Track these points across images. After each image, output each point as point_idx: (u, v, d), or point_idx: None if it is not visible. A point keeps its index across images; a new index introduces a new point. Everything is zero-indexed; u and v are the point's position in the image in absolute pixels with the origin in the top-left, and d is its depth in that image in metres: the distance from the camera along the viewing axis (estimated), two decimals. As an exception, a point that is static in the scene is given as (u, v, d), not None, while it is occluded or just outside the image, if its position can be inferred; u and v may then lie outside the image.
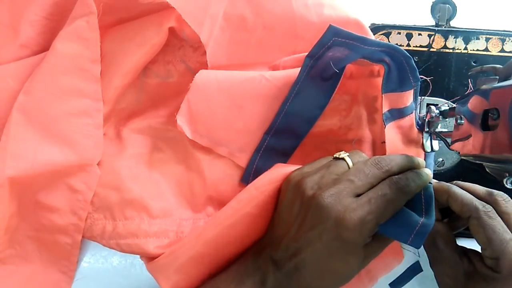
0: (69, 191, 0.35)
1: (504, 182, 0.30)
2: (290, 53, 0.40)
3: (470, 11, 0.45)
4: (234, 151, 0.38)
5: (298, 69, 0.36)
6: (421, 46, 0.45)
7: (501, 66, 0.33)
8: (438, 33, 0.44)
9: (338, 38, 0.34)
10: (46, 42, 0.37)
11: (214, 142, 0.38)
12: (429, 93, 0.41)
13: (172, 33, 0.39)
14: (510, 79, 0.30)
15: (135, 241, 0.35)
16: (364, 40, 0.34)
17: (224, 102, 0.37)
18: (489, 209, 0.33)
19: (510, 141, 0.26)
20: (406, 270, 0.36)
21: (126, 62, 0.37)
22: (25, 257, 0.36)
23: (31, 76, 0.35)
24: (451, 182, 0.36)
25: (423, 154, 0.38)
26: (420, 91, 0.38)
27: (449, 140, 0.36)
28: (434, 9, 0.45)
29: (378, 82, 0.38)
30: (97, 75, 0.36)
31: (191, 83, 0.37)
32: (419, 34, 0.45)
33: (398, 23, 0.45)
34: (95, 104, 0.37)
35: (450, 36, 0.44)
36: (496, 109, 0.28)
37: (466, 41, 0.44)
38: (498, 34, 0.44)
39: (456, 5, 0.45)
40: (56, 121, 0.35)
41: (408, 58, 0.35)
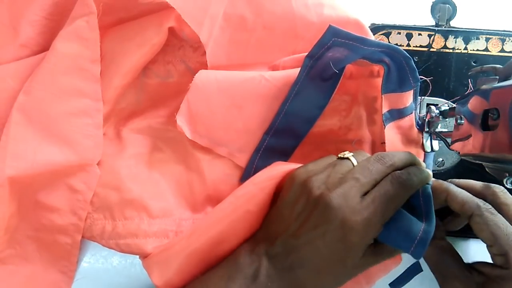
0: (69, 191, 0.35)
1: (504, 182, 0.30)
2: (290, 53, 0.40)
3: (470, 11, 0.45)
4: (234, 151, 0.38)
5: (298, 69, 0.36)
6: (421, 46, 0.45)
7: (501, 66, 0.33)
8: (438, 33, 0.44)
9: (338, 39, 0.34)
10: (46, 42, 0.37)
11: (213, 142, 0.38)
12: (429, 93, 0.41)
13: (172, 33, 0.39)
14: (510, 79, 0.30)
15: (135, 241, 0.35)
16: (363, 40, 0.34)
17: (223, 102, 0.37)
18: (489, 206, 0.33)
19: (510, 141, 0.26)
20: (406, 270, 0.36)
21: (126, 62, 0.37)
22: (25, 257, 0.36)
23: (31, 76, 0.35)
24: (447, 180, 0.36)
25: (423, 154, 0.38)
26: (420, 91, 0.38)
27: (449, 140, 0.36)
28: (434, 9, 0.45)
29: (378, 83, 0.38)
30: (97, 75, 0.36)
31: (191, 84, 0.37)
32: (419, 34, 0.44)
33: (398, 23, 0.45)
34: (95, 104, 0.37)
35: (450, 36, 0.44)
36: (496, 109, 0.28)
37: (466, 41, 0.44)
38: (498, 34, 0.44)
39: (456, 5, 0.45)
40: (56, 121, 0.35)
41: (407, 59, 0.35)
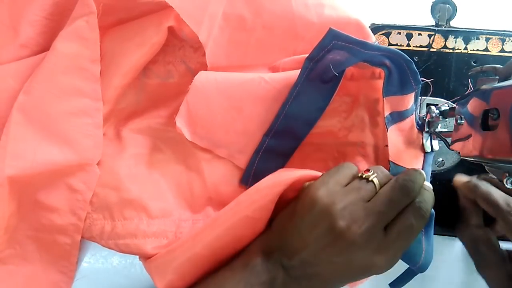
0: (68, 191, 0.35)
1: (504, 182, 0.30)
2: (290, 53, 0.40)
3: (470, 11, 0.45)
4: (234, 153, 0.38)
5: (298, 71, 0.36)
6: (421, 46, 0.45)
7: (501, 66, 0.33)
8: (438, 33, 0.44)
9: (338, 42, 0.34)
10: (46, 42, 0.37)
11: (213, 144, 0.38)
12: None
13: (172, 33, 0.39)
14: (510, 79, 0.30)
15: (134, 241, 0.35)
16: (364, 44, 0.33)
17: (223, 104, 0.37)
18: None
19: (510, 141, 0.26)
20: (406, 270, 0.36)
21: (125, 62, 0.37)
22: (24, 257, 0.36)
23: (31, 76, 0.35)
24: (479, 176, 0.35)
25: (423, 154, 0.38)
26: (420, 92, 0.38)
27: (449, 140, 0.36)
28: (434, 9, 0.45)
29: (379, 84, 0.37)
30: (97, 75, 0.36)
31: (190, 85, 0.37)
32: (419, 34, 0.44)
33: (398, 23, 0.45)
34: (95, 103, 0.37)
35: (450, 36, 0.44)
36: (496, 109, 0.28)
37: (466, 41, 0.44)
38: (498, 34, 0.44)
39: (456, 5, 0.44)
40: (56, 120, 0.35)
41: (409, 62, 0.34)
